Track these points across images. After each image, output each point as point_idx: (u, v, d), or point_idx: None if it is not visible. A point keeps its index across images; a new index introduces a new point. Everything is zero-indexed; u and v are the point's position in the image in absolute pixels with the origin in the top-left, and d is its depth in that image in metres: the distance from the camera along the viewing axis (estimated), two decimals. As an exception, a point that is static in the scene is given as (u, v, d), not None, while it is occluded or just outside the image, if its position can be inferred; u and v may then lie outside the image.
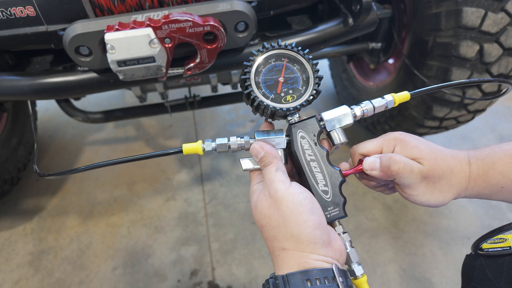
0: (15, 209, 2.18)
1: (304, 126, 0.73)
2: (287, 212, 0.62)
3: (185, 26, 0.98)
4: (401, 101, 0.79)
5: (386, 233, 1.98)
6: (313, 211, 0.64)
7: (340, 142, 0.74)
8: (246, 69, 0.72)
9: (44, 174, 0.86)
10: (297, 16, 1.43)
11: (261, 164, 0.70)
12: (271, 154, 0.69)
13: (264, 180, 0.69)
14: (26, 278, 1.86)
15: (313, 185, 0.70)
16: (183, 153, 0.74)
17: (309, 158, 0.71)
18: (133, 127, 2.69)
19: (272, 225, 0.64)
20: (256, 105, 0.72)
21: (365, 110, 0.76)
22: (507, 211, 2.05)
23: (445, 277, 1.79)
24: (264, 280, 0.67)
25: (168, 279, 1.83)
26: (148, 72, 1.04)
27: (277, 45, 0.74)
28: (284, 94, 0.73)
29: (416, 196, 0.71)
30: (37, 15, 1.00)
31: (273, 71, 0.73)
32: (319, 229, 0.62)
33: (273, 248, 0.66)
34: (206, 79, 1.85)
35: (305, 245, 0.61)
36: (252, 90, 0.71)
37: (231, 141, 0.74)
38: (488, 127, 2.55)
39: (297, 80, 0.74)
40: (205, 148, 0.73)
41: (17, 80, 1.12)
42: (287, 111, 0.72)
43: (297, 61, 0.74)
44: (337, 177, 0.71)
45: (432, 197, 0.71)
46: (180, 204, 2.16)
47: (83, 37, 0.99)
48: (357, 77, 2.30)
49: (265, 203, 0.66)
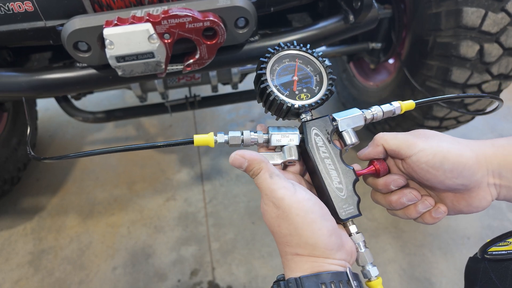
0: (15, 209, 2.17)
1: (318, 123, 0.72)
2: (298, 220, 0.59)
3: (184, 22, 0.97)
4: (407, 109, 0.79)
5: (386, 233, 1.97)
6: (324, 216, 0.61)
7: (352, 142, 0.73)
8: (262, 65, 0.72)
9: (39, 157, 0.81)
10: (298, 14, 1.43)
11: (250, 173, 0.66)
12: (256, 159, 0.65)
13: (261, 190, 0.64)
14: (26, 278, 1.86)
15: (328, 182, 0.68)
16: (194, 144, 0.71)
17: (324, 155, 0.70)
18: (133, 127, 2.69)
19: (283, 233, 0.61)
20: (271, 100, 0.70)
21: (375, 114, 0.76)
22: (507, 211, 2.04)
23: (445, 277, 1.78)
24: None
25: (168, 279, 1.83)
26: (147, 68, 1.03)
27: (292, 46, 0.74)
28: (298, 92, 0.73)
29: (419, 152, 0.64)
30: (35, 11, 1.00)
31: (287, 70, 0.74)
32: (334, 234, 0.60)
33: (285, 252, 0.62)
34: (206, 79, 1.84)
35: (321, 251, 0.59)
36: (268, 85, 0.70)
37: (244, 134, 0.72)
38: (488, 127, 2.54)
39: (311, 80, 0.74)
40: (218, 140, 0.71)
41: (15, 76, 1.12)
42: (302, 108, 0.71)
43: (311, 62, 0.75)
44: (351, 175, 0.70)
45: (441, 149, 0.63)
46: (180, 204, 2.15)
47: (81, 33, 0.98)
48: (357, 77, 2.30)
49: (272, 213, 0.62)
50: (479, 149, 0.64)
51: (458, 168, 0.62)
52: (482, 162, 0.63)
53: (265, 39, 1.24)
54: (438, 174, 0.63)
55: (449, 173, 0.63)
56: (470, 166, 0.62)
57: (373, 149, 0.71)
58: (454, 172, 0.62)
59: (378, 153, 0.71)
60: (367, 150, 0.73)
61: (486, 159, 0.63)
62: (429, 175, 0.64)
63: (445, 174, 0.63)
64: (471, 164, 0.62)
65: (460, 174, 0.62)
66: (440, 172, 0.63)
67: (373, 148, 0.72)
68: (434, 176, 0.64)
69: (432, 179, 0.65)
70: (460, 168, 0.62)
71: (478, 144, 0.65)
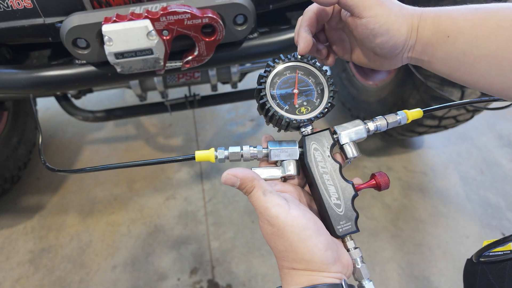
0: (16, 208, 2.18)
1: (318, 138, 0.71)
2: (293, 238, 0.59)
3: (183, 18, 0.98)
4: (414, 118, 0.78)
5: (385, 232, 1.97)
6: (319, 232, 0.61)
7: (353, 156, 0.73)
8: (262, 80, 0.72)
9: (54, 168, 0.83)
10: (297, 12, 1.43)
11: (243, 191, 0.66)
12: (248, 178, 0.64)
13: (255, 208, 0.64)
14: (26, 276, 1.86)
15: (326, 198, 0.68)
16: (195, 160, 0.72)
17: (322, 171, 0.69)
18: (133, 126, 2.69)
19: (279, 249, 0.61)
20: (270, 116, 0.70)
21: (379, 125, 0.75)
22: (505, 210, 2.04)
23: (444, 276, 1.79)
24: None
25: (168, 278, 1.83)
26: (145, 64, 1.04)
27: (293, 58, 0.74)
28: (298, 106, 0.72)
29: (371, 18, 0.63)
30: (34, 7, 1.00)
31: (287, 82, 0.73)
32: (330, 248, 0.61)
33: (282, 266, 0.63)
34: (206, 78, 1.85)
35: (318, 266, 0.59)
36: (267, 100, 0.70)
37: (244, 150, 0.72)
38: (487, 126, 2.55)
39: (312, 92, 0.73)
40: (218, 156, 0.72)
41: (14, 73, 1.12)
42: (301, 122, 0.71)
43: (312, 73, 0.74)
44: (350, 191, 0.69)
45: (389, 21, 0.63)
46: (180, 202, 2.16)
47: (80, 29, 0.99)
48: (356, 76, 2.30)
49: (267, 230, 0.62)
50: (413, 24, 0.65)
51: (391, 42, 0.65)
52: (409, 40, 0.66)
53: (264, 37, 1.24)
54: (374, 41, 0.66)
55: (382, 44, 0.65)
56: (400, 43, 0.65)
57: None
58: (386, 44, 0.65)
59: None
60: (363, 185, 0.72)
61: (413, 35, 0.66)
62: (366, 39, 0.66)
63: (378, 44, 0.66)
64: (402, 42, 0.65)
65: (390, 48, 0.66)
66: (376, 40, 0.65)
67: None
68: (369, 41, 0.66)
69: (365, 41, 0.67)
70: (391, 43, 0.65)
71: (417, 19, 0.66)
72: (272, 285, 1.78)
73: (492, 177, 2.23)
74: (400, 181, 2.22)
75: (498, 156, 2.34)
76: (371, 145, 2.45)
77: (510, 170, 2.25)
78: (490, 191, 2.15)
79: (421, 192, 2.16)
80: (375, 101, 2.10)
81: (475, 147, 2.41)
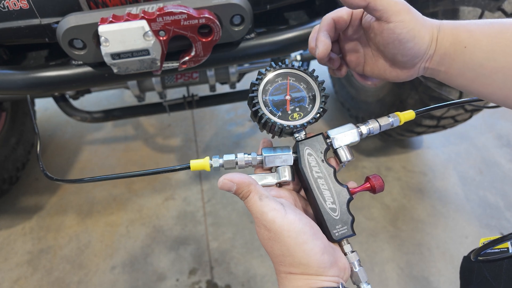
0: (14, 208, 2.18)
1: (311, 143, 0.72)
2: (290, 242, 0.60)
3: (179, 19, 0.98)
4: (407, 119, 0.79)
5: (384, 232, 1.97)
6: (315, 236, 0.62)
7: (347, 159, 0.73)
8: (254, 87, 0.72)
9: (52, 177, 0.84)
10: (294, 12, 1.42)
11: (239, 196, 0.66)
12: (244, 183, 0.64)
13: (251, 213, 0.64)
14: (25, 277, 1.86)
15: (321, 202, 0.68)
16: (190, 169, 0.73)
17: (316, 175, 0.70)
18: (132, 126, 2.69)
19: (276, 254, 0.62)
20: (263, 122, 0.71)
21: (371, 129, 0.76)
22: (504, 210, 2.04)
23: (443, 276, 1.78)
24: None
25: (167, 278, 1.83)
26: (142, 65, 1.03)
27: (284, 65, 0.74)
28: (291, 112, 0.73)
29: (399, 23, 0.63)
30: (31, 8, 1.00)
31: (279, 89, 0.73)
32: (326, 252, 0.61)
33: (279, 271, 0.63)
34: (204, 78, 1.85)
35: (315, 270, 0.59)
36: (259, 108, 0.71)
37: (238, 157, 0.73)
38: (486, 126, 2.54)
39: (304, 98, 0.74)
40: (213, 164, 0.73)
41: (11, 74, 1.12)
42: (294, 128, 0.71)
43: (304, 80, 0.74)
44: (345, 194, 0.69)
45: (415, 28, 0.63)
46: (179, 203, 2.16)
47: (76, 30, 0.98)
48: (355, 76, 2.30)
49: (264, 235, 0.62)
50: (433, 34, 0.65)
51: (414, 49, 0.65)
52: (429, 50, 0.66)
53: (261, 37, 1.24)
54: (399, 46, 0.65)
55: (406, 50, 0.65)
56: (422, 51, 0.65)
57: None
58: (409, 51, 0.65)
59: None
60: (358, 188, 0.72)
61: (433, 45, 0.66)
62: (390, 44, 0.66)
63: (402, 50, 0.65)
64: (423, 50, 0.65)
65: (412, 56, 0.66)
66: (401, 46, 0.65)
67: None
68: (393, 47, 0.66)
69: (389, 46, 0.67)
70: (415, 50, 0.65)
71: (436, 30, 0.66)
72: (271, 286, 1.78)
73: (491, 177, 2.22)
74: (399, 181, 2.22)
75: (497, 156, 2.34)
76: (370, 145, 2.45)
77: (509, 170, 2.25)
78: (489, 191, 2.14)
79: (420, 192, 2.15)
80: (374, 101, 2.10)
81: (474, 147, 2.41)
